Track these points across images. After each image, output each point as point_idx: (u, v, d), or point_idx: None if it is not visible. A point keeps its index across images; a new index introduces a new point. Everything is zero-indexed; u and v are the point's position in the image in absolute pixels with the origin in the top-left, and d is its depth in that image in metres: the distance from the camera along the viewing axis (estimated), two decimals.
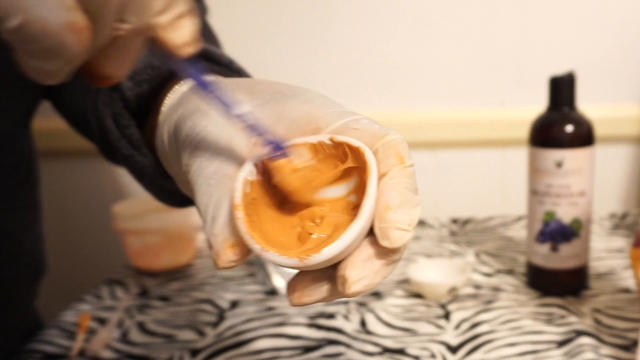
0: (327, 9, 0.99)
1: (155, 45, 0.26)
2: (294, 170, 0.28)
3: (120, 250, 0.86)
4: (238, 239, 0.27)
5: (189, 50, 0.26)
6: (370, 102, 1.01)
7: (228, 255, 0.27)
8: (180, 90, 0.38)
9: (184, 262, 0.84)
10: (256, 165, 0.28)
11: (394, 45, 1.00)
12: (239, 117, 0.28)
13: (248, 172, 0.28)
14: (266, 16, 1.00)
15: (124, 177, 1.05)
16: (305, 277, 0.28)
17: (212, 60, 0.42)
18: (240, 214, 0.26)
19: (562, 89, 0.65)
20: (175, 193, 0.43)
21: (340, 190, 0.28)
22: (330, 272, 0.27)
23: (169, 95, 0.38)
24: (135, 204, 0.85)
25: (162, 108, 0.38)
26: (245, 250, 0.27)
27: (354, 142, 0.27)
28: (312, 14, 0.99)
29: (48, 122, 0.63)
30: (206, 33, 0.54)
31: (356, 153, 0.27)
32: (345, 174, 0.28)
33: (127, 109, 0.40)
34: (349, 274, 0.25)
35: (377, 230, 0.26)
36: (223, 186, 0.28)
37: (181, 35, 0.25)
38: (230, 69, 0.42)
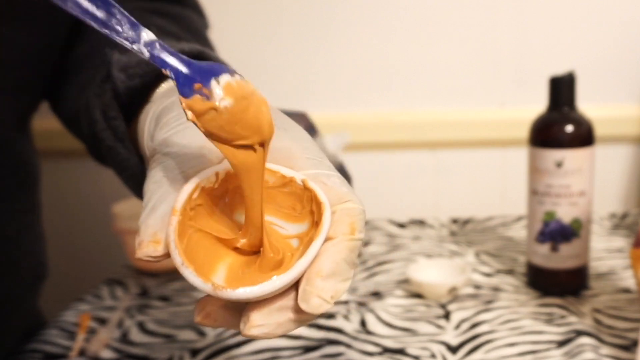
0: (327, 9, 0.99)
1: None
2: (212, 109, 0.25)
3: (120, 250, 0.86)
4: (164, 239, 0.26)
5: None
6: (370, 102, 1.01)
7: (149, 249, 0.26)
8: (169, 84, 0.38)
9: None
10: (217, 174, 0.28)
11: (394, 45, 1.00)
12: (142, 47, 0.25)
13: (205, 178, 0.27)
14: (266, 16, 1.00)
15: None
16: (217, 301, 0.28)
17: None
18: (174, 221, 0.26)
19: (562, 89, 0.65)
20: None
21: (288, 229, 0.28)
22: (241, 305, 0.27)
23: (163, 85, 0.38)
24: (135, 204, 0.85)
25: (153, 97, 0.37)
26: (166, 252, 0.26)
27: (322, 195, 0.27)
28: (312, 14, 0.99)
29: (48, 122, 0.63)
30: (206, 45, 0.55)
31: (318, 207, 0.27)
32: (299, 217, 0.28)
33: (117, 102, 0.40)
34: (253, 317, 0.26)
35: (300, 290, 0.26)
36: (176, 183, 0.28)
37: None
38: None
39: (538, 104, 0.76)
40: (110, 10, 0.24)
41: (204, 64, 0.25)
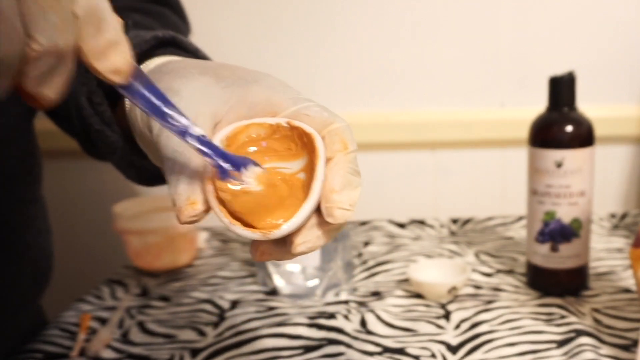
0: (327, 10, 0.99)
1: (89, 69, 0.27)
2: (240, 193, 0.30)
3: (121, 250, 0.86)
4: (198, 198, 0.30)
5: (118, 78, 0.28)
6: (370, 103, 1.01)
7: (189, 211, 0.30)
8: (148, 67, 0.40)
9: (185, 262, 0.84)
10: (221, 141, 0.31)
11: (395, 46, 1.00)
12: (190, 140, 0.30)
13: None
14: (267, 16, 1.00)
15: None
16: (266, 240, 0.32)
17: (180, 47, 0.45)
18: (210, 188, 0.30)
19: (562, 89, 0.65)
20: (142, 169, 0.46)
21: (292, 167, 0.32)
22: (283, 237, 0.31)
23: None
24: (135, 204, 0.85)
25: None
26: (204, 208, 0.30)
27: (307, 128, 0.31)
28: (313, 15, 0.99)
29: (49, 122, 0.64)
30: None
31: (308, 138, 0.31)
32: (297, 154, 0.32)
33: (102, 89, 0.42)
34: (296, 239, 0.31)
35: (323, 209, 0.30)
36: (188, 152, 0.31)
37: (109, 63, 0.27)
38: (197, 56, 0.45)
39: (538, 104, 0.76)
40: (170, 107, 0.29)
41: (236, 156, 0.30)
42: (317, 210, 0.31)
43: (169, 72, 0.36)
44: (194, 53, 0.45)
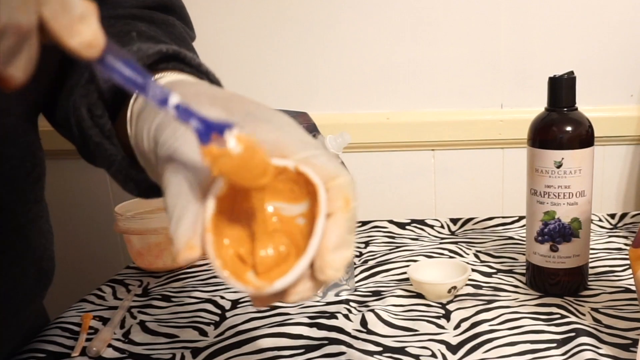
0: (328, 10, 0.99)
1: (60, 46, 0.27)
2: (223, 154, 0.29)
3: (122, 250, 0.86)
4: (197, 243, 0.30)
5: (92, 53, 0.27)
6: (370, 103, 1.01)
7: (187, 254, 0.30)
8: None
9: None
10: (224, 183, 0.32)
11: (395, 46, 1.00)
12: (170, 109, 0.30)
13: (217, 190, 0.31)
14: (268, 17, 1.00)
15: None
16: None
17: (183, 62, 0.45)
18: (209, 238, 0.30)
19: (561, 89, 0.66)
20: (140, 182, 0.46)
21: (292, 210, 0.33)
22: None
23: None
24: (137, 204, 0.85)
25: (137, 107, 0.41)
26: (201, 253, 0.30)
27: (314, 177, 0.32)
28: (314, 15, 1.00)
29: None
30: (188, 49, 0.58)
31: (313, 188, 0.31)
32: (299, 197, 0.32)
33: (102, 101, 0.43)
34: (290, 289, 0.31)
35: (316, 266, 0.31)
36: (192, 193, 0.32)
37: (81, 38, 0.27)
38: (199, 71, 0.45)
39: (538, 105, 0.76)
40: (146, 80, 0.29)
41: (218, 120, 0.30)
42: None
43: (180, 95, 0.36)
44: (196, 68, 0.45)
